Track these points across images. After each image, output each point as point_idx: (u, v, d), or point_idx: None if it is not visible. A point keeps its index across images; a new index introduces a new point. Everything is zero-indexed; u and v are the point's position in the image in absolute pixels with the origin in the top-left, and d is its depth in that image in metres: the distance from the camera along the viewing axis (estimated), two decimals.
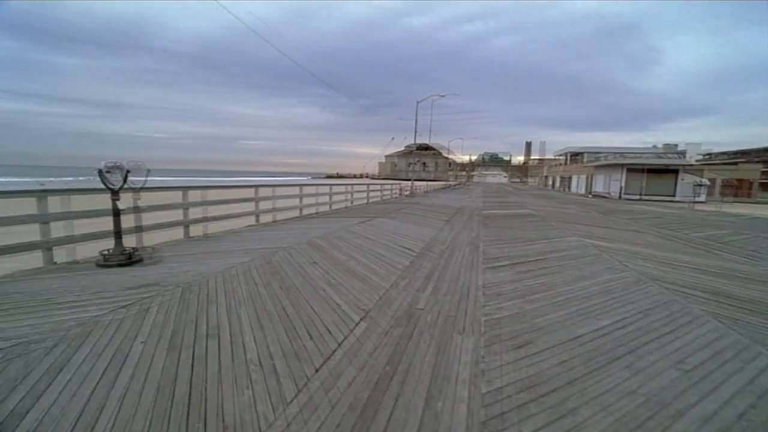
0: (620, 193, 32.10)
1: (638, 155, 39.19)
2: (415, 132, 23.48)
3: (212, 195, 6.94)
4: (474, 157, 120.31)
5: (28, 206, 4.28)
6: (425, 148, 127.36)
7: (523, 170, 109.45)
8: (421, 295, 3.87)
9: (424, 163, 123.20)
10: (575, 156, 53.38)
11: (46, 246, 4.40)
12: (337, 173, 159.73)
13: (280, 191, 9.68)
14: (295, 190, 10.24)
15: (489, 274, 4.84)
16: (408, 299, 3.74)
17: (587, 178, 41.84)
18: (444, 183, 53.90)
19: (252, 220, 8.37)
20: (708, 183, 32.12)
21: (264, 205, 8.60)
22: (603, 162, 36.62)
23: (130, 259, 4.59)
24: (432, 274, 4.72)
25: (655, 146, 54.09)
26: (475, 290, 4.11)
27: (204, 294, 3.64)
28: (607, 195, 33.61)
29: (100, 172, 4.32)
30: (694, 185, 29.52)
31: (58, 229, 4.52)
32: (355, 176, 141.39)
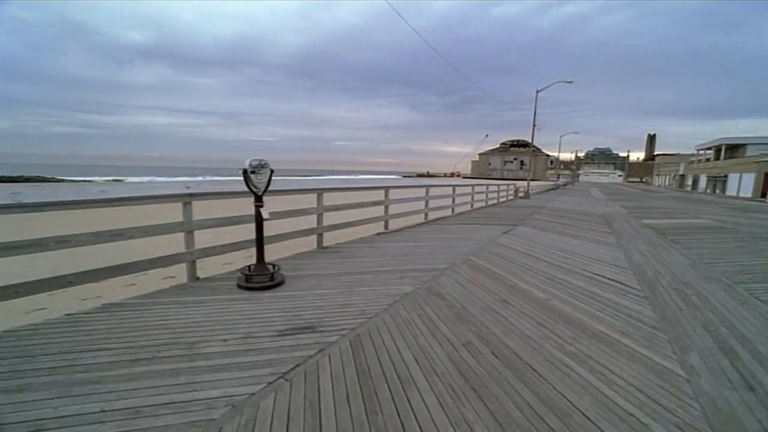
0: None
1: None
2: (534, 126, 20.52)
3: (336, 198, 5.95)
4: (581, 154, 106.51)
5: (173, 212, 3.68)
6: (523, 145, 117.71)
7: (642, 168, 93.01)
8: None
9: (522, 161, 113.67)
10: (733, 149, 42.38)
11: (190, 258, 3.76)
12: (428, 172, 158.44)
13: (404, 193, 8.52)
14: (420, 192, 8.98)
15: None
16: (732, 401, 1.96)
17: (760, 176, 32.48)
18: (552, 183, 48.12)
19: (379, 226, 7.32)
20: None
21: (392, 209, 7.48)
22: None
23: (272, 280, 3.71)
24: (728, 343, 2.81)
25: None
26: None
27: (385, 356, 2.42)
28: None
29: (245, 172, 3.50)
30: None
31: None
32: (445, 175, 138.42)
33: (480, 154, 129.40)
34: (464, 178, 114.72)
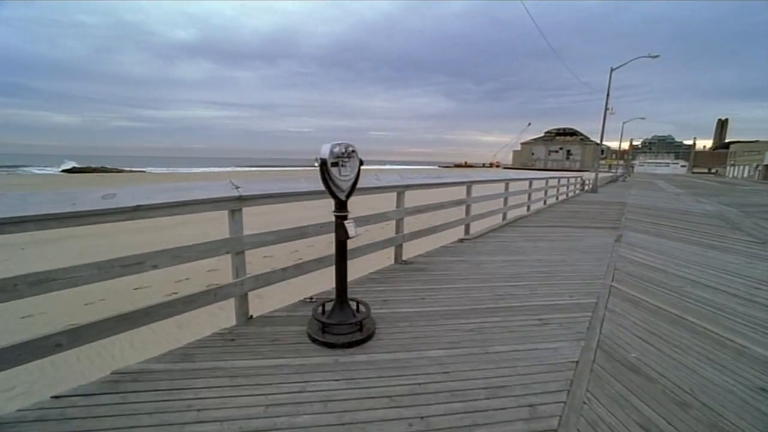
0: None
1: None
2: (605, 111, 17.92)
3: (411, 198, 4.54)
4: (636, 142, 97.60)
5: (214, 221, 2.50)
6: (569, 133, 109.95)
7: (711, 157, 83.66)
8: None
9: (569, 151, 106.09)
10: None
11: (241, 291, 2.58)
12: (465, 162, 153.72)
13: (482, 189, 7.02)
14: (500, 188, 7.42)
15: None
16: None
17: None
18: (611, 174, 43.98)
19: (457, 231, 5.90)
20: None
21: (473, 208, 6.03)
22: None
23: (360, 331, 2.44)
24: None
25: None
26: None
27: None
28: None
29: (323, 164, 2.22)
30: None
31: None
32: (484, 165, 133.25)
33: (522, 144, 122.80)
34: (504, 168, 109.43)
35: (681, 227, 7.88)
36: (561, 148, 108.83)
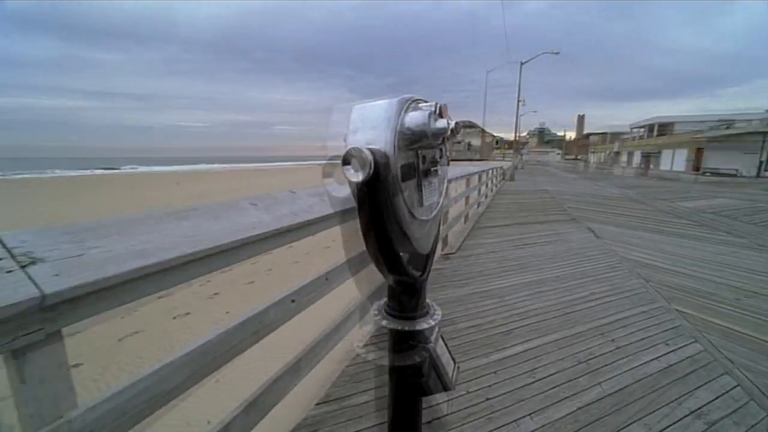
0: (759, 169, 25.75)
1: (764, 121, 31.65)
2: (518, 102, 18.78)
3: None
4: (522, 134, 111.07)
5: None
6: (469, 126, 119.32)
7: (578, 146, 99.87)
8: None
9: (469, 143, 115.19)
10: (663, 127, 45.69)
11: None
12: None
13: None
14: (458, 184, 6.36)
15: None
16: None
17: (692, 152, 34.93)
18: (510, 163, 48.30)
19: None
20: None
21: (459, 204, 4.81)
22: (725, 132, 29.72)
23: None
24: None
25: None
26: None
27: None
28: (734, 173, 27.28)
29: (374, 176, 0.58)
30: None
31: None
32: None
33: None
34: None
35: (624, 213, 7.98)
36: (462, 140, 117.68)
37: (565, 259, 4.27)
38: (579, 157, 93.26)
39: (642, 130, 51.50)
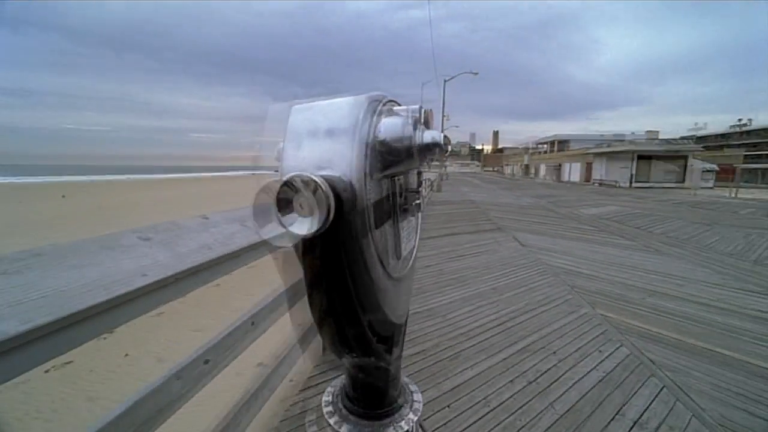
0: (630, 180, 30.85)
1: (633, 142, 38.42)
2: (443, 119, 19.85)
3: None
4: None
5: None
6: None
7: (494, 159, 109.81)
8: None
9: None
10: (562, 143, 52.58)
11: None
12: None
13: None
14: None
15: None
16: None
17: (584, 165, 40.65)
18: (437, 174, 50.81)
19: None
20: (717, 168, 31.82)
21: None
22: (607, 149, 35.21)
23: None
24: None
25: (633, 133, 54.52)
26: None
27: None
28: (614, 183, 32.31)
29: (282, 199, 0.33)
30: (704, 171, 28.99)
31: None
32: None
33: None
34: None
35: (541, 222, 8.73)
36: None
37: (498, 270, 4.39)
38: (496, 168, 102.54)
39: (545, 145, 58.76)
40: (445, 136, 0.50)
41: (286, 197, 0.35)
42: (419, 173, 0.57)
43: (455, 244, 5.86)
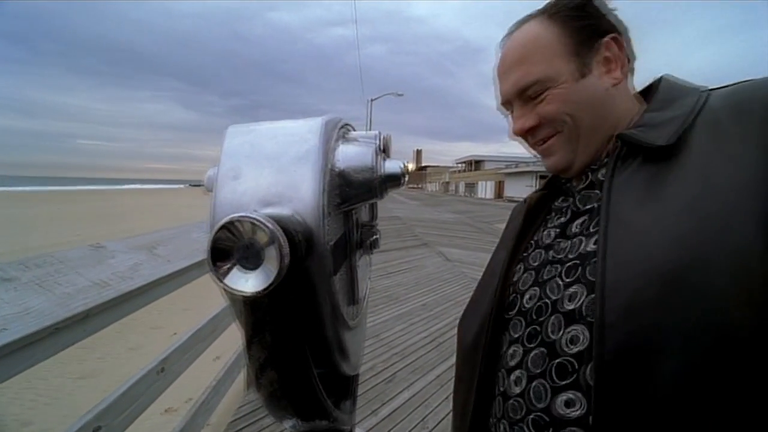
0: None
1: (535, 163, 44.07)
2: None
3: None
4: None
5: None
6: None
7: (417, 176, 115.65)
8: None
9: None
10: (477, 163, 57.76)
11: None
12: None
13: None
14: None
15: None
16: None
17: (496, 184, 45.12)
18: None
19: None
20: None
21: None
22: (515, 170, 39.67)
23: None
24: None
25: (535, 155, 62.38)
26: None
27: None
28: (522, 199, 36.33)
29: (220, 248, 0.27)
30: None
31: None
32: None
33: None
34: None
35: (462, 236, 9.33)
36: None
37: (426, 285, 4.52)
38: (419, 185, 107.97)
39: (463, 164, 64.01)
40: (404, 164, 0.47)
41: (223, 246, 0.27)
42: (373, 205, 0.52)
43: (386, 261, 5.91)
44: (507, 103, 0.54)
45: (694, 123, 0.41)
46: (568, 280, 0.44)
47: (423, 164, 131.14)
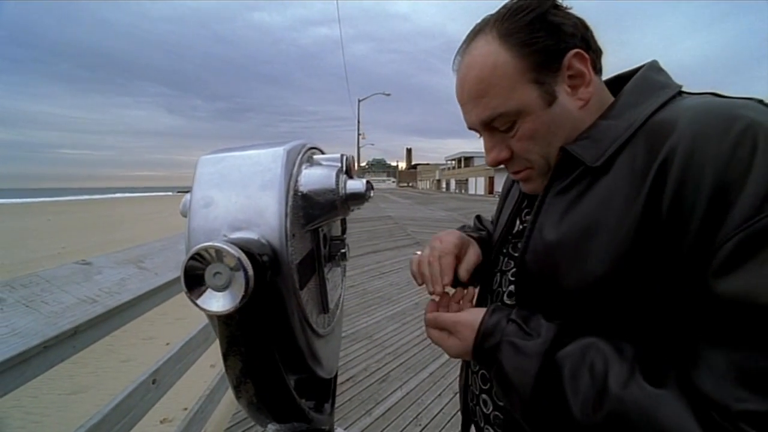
0: None
1: None
2: (358, 137, 20.32)
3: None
4: (363, 164, 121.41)
5: None
6: None
7: (409, 175, 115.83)
8: None
9: None
10: (468, 160, 58.07)
11: None
12: None
13: None
14: None
15: None
16: None
17: (486, 179, 45.49)
18: None
19: None
20: None
21: None
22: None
23: None
24: None
25: None
26: None
27: None
28: None
29: (194, 276, 0.31)
30: None
31: None
32: None
33: None
34: None
35: None
36: None
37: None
38: (410, 184, 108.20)
39: (454, 162, 64.33)
40: (367, 182, 0.50)
41: (194, 273, 0.31)
42: (343, 220, 0.56)
43: (378, 261, 5.95)
44: (474, 129, 0.54)
45: (634, 137, 0.42)
46: (515, 254, 0.56)
47: (414, 162, 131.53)
